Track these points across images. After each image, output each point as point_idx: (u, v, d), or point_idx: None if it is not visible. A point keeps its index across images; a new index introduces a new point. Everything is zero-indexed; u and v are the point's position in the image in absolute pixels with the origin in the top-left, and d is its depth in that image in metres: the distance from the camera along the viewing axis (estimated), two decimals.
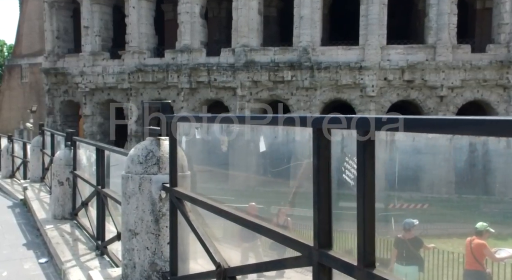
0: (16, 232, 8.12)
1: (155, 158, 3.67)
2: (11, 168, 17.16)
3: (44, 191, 10.85)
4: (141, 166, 3.64)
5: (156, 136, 3.76)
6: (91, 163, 7.26)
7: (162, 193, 3.55)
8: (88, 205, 6.61)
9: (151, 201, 3.57)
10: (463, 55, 29.52)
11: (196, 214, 3.07)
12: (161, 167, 3.65)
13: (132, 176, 3.66)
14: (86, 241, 6.35)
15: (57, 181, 7.71)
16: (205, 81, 32.49)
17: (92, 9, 35.33)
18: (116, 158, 7.79)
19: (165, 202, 3.55)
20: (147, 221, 3.56)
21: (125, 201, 3.69)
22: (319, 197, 2.05)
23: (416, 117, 1.70)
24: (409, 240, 10.97)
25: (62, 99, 38.20)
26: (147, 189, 3.58)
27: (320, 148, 2.03)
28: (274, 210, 18.49)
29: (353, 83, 30.35)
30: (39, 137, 13.02)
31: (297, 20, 31.03)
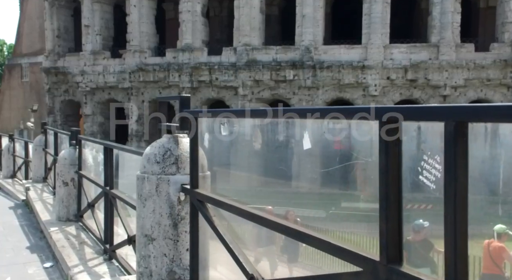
0: (19, 234, 7.87)
1: (173, 157, 3.41)
2: (12, 168, 16.93)
3: (47, 192, 10.63)
4: (158, 166, 3.39)
5: (174, 133, 3.51)
6: (97, 162, 7.04)
7: (181, 195, 3.30)
8: (95, 207, 6.38)
9: (169, 203, 3.31)
10: (466, 54, 29.33)
11: (221, 218, 2.84)
12: (180, 167, 3.39)
13: (148, 177, 3.40)
14: (93, 244, 6.10)
15: (61, 181, 7.48)
16: (206, 81, 32.28)
17: (93, 8, 35.12)
18: (123, 157, 7.56)
19: (184, 205, 3.30)
20: (164, 226, 3.30)
21: (141, 203, 3.43)
22: (387, 203, 1.77)
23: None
24: (418, 242, 10.69)
25: (62, 98, 37.99)
26: (164, 190, 3.32)
27: (388, 145, 1.75)
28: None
29: (356, 82, 30.16)
30: (41, 136, 12.77)
31: (299, 18, 30.83)
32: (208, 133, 3.27)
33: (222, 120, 2.93)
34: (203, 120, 3.05)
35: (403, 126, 1.71)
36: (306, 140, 3.27)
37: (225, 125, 3.23)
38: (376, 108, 1.74)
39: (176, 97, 3.44)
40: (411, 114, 1.73)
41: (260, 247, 10.28)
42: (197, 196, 3.02)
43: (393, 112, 1.70)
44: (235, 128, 8.35)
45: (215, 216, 2.83)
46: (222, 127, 3.24)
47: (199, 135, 3.03)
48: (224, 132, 3.24)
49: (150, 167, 3.41)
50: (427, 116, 1.70)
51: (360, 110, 1.85)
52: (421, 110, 1.73)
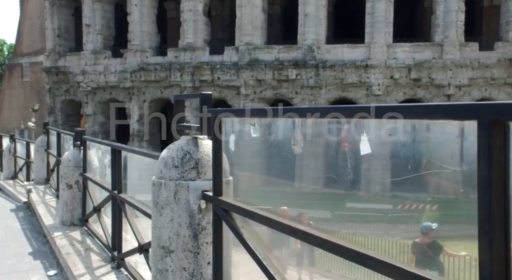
0: (21, 239, 7.59)
1: (193, 161, 3.11)
2: (13, 169, 16.66)
3: (50, 194, 10.37)
4: (177, 171, 3.09)
5: (193, 134, 3.20)
6: (103, 164, 6.77)
7: (201, 203, 3.03)
8: (101, 211, 6.12)
9: (188, 212, 3.03)
10: (470, 53, 29.10)
11: (249, 230, 2.58)
12: (200, 172, 3.10)
13: (165, 183, 3.09)
14: (99, 251, 5.81)
15: (65, 184, 7.21)
16: (208, 80, 32.07)
17: (93, 7, 34.89)
18: (130, 158, 7.29)
19: (205, 214, 3.03)
20: (184, 237, 3.02)
21: (157, 212, 3.13)
22: (489, 224, 1.39)
23: None
24: (427, 244, 10.45)
25: (63, 98, 37.77)
26: (184, 198, 3.04)
27: (491, 151, 1.38)
28: None
29: (359, 81, 29.94)
30: (43, 136, 12.47)
31: (302, 17, 30.62)
32: (234, 134, 2.94)
33: (253, 121, 2.63)
34: (227, 120, 2.76)
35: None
36: (364, 144, 2.89)
37: (255, 126, 2.88)
38: (483, 105, 1.39)
39: (196, 95, 3.13)
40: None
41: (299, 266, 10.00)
42: (221, 205, 2.77)
43: (497, 110, 1.35)
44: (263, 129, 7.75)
45: (244, 227, 2.57)
46: (252, 128, 2.89)
47: (222, 137, 2.76)
48: (254, 134, 2.88)
49: (168, 172, 3.12)
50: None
51: (455, 109, 1.49)
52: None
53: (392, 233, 19.84)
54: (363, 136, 2.43)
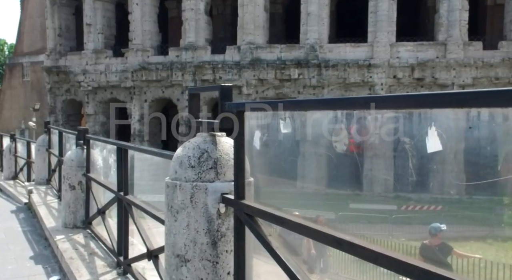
0: (22, 242, 7.33)
1: (211, 161, 2.84)
2: (14, 169, 16.40)
3: (51, 195, 10.13)
4: (193, 171, 2.82)
5: (211, 131, 2.94)
6: (108, 164, 6.54)
7: (221, 206, 2.77)
8: (105, 214, 5.88)
9: (206, 217, 2.77)
10: (474, 52, 28.88)
11: (277, 237, 2.33)
12: (219, 173, 2.82)
13: (181, 184, 2.82)
14: (104, 255, 5.55)
15: (68, 185, 6.96)
16: (210, 79, 31.86)
17: (94, 6, 34.69)
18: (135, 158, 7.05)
19: (225, 219, 2.79)
20: (201, 244, 2.76)
21: (171, 217, 2.86)
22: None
23: None
24: (436, 246, 10.21)
25: (64, 98, 37.57)
26: (201, 201, 2.77)
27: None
28: None
29: (362, 81, 29.74)
30: (44, 135, 12.20)
31: (304, 17, 30.42)
32: (260, 131, 2.65)
33: (282, 115, 2.34)
34: (251, 115, 2.50)
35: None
36: (433, 140, 2.55)
37: (286, 121, 2.55)
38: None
39: (215, 87, 2.86)
40: None
41: None
42: (244, 209, 2.51)
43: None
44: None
45: (271, 235, 2.32)
46: (283, 123, 2.57)
47: (246, 133, 2.50)
48: (284, 129, 2.56)
49: (183, 172, 2.85)
50: None
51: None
52: None
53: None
54: (431, 130, 2.17)
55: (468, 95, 1.39)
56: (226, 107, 2.71)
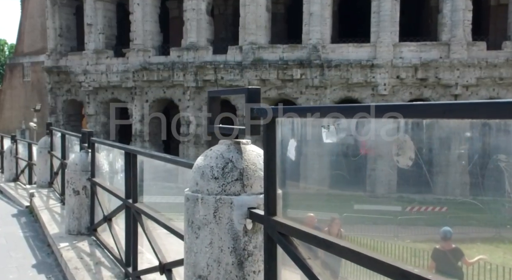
0: (24, 249, 7.08)
1: (237, 171, 2.58)
2: (15, 171, 16.16)
3: (53, 198, 9.92)
4: (217, 183, 2.57)
5: (234, 138, 2.69)
6: (115, 169, 6.31)
7: (247, 222, 2.52)
8: (112, 221, 5.65)
9: (232, 234, 2.51)
10: (478, 53, 28.69)
11: (316, 260, 2.08)
12: (246, 185, 2.57)
13: (203, 198, 2.58)
14: (111, 265, 5.30)
15: (71, 189, 6.74)
16: (211, 80, 31.67)
17: (95, 6, 34.49)
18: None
19: (252, 236, 2.54)
20: (226, 265, 2.50)
21: (192, 233, 2.62)
22: None
23: None
24: (449, 251, 9.98)
25: (65, 98, 37.39)
26: (226, 216, 2.53)
27: None
28: None
29: (365, 81, 29.54)
30: (46, 137, 11.97)
31: (307, 17, 30.22)
32: (295, 139, 2.37)
33: (326, 122, 2.06)
34: (284, 121, 2.29)
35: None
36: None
37: (330, 129, 2.23)
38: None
39: (241, 90, 2.62)
40: None
41: None
42: (277, 227, 2.25)
43: None
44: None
45: (310, 258, 2.04)
46: (325, 131, 2.25)
47: (277, 141, 2.26)
48: (328, 139, 2.22)
49: (205, 184, 2.60)
50: None
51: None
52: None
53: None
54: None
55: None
56: (254, 112, 2.46)
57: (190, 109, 32.19)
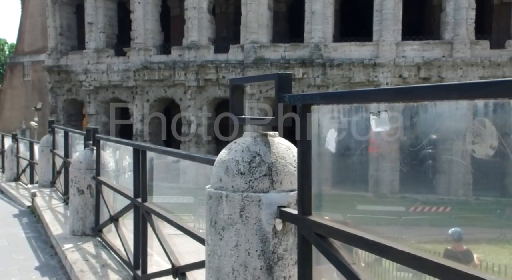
0: (26, 250, 6.86)
1: (265, 166, 2.34)
2: (16, 170, 15.95)
3: (56, 198, 9.72)
4: (243, 179, 2.33)
5: (261, 130, 2.46)
6: (122, 167, 6.11)
7: (277, 222, 2.30)
8: (119, 221, 5.46)
9: (260, 235, 2.28)
10: (481, 52, 28.51)
11: (360, 265, 1.87)
12: (275, 181, 2.33)
13: (227, 195, 2.35)
14: (118, 268, 5.08)
15: (76, 189, 6.54)
16: (213, 79, 31.52)
17: (96, 4, 34.30)
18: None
19: (282, 238, 2.31)
20: (253, 269, 2.27)
21: (216, 235, 2.39)
22: None
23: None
24: (461, 252, 9.78)
25: (65, 97, 37.21)
26: (253, 216, 2.29)
27: None
28: None
29: (367, 80, 29.36)
30: (48, 136, 11.74)
31: (309, 15, 30.05)
32: (335, 129, 2.11)
33: (375, 109, 1.82)
34: (320, 109, 2.06)
35: None
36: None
37: (381, 116, 1.91)
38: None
39: (270, 76, 2.36)
40: None
41: (320, 264, 9.21)
42: (314, 228, 2.03)
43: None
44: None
45: (355, 263, 1.83)
46: (375, 118, 1.94)
47: (312, 132, 2.05)
48: (379, 127, 1.90)
49: (230, 180, 2.36)
50: None
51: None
52: None
53: None
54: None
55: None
56: (286, 100, 2.23)
57: (191, 109, 32.03)
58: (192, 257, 4.83)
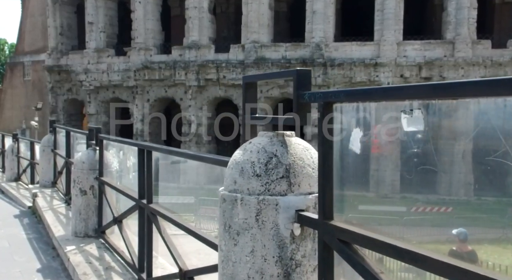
0: (28, 252, 6.75)
1: (282, 168, 2.23)
2: (17, 170, 15.86)
3: (57, 199, 9.62)
4: (259, 181, 2.23)
5: (276, 130, 2.34)
6: (125, 167, 6.02)
7: (295, 227, 2.19)
8: (123, 223, 5.36)
9: (277, 241, 2.17)
10: (483, 51, 28.43)
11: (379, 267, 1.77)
12: (293, 183, 2.22)
13: (243, 198, 2.24)
14: (122, 270, 4.98)
15: (78, 189, 6.44)
16: (213, 79, 31.45)
17: (96, 4, 34.22)
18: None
19: (300, 243, 2.20)
20: (270, 277, 2.17)
21: (230, 240, 2.28)
22: None
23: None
24: (466, 253, 9.68)
25: (65, 97, 37.14)
26: (270, 220, 2.18)
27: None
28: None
29: (368, 80, 29.29)
30: (50, 135, 11.64)
31: (310, 15, 29.98)
32: (360, 129, 1.99)
33: (407, 106, 1.70)
34: (342, 107, 1.95)
35: None
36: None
37: (414, 114, 1.72)
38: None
39: (288, 72, 2.24)
40: None
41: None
42: (337, 234, 1.92)
43: None
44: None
45: (383, 273, 1.71)
46: (407, 117, 1.76)
47: (334, 132, 1.93)
48: (411, 126, 1.72)
49: (246, 182, 2.25)
50: None
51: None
52: None
53: None
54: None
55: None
56: (305, 98, 2.11)
57: (192, 109, 31.96)
58: (194, 257, 4.74)
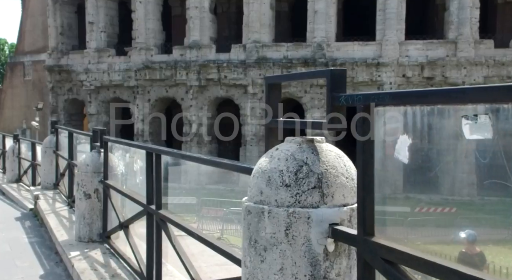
0: (30, 257, 6.56)
1: (314, 177, 2.04)
2: (18, 171, 15.69)
3: (60, 201, 9.46)
4: (289, 192, 2.03)
5: (305, 136, 2.16)
6: (132, 171, 5.86)
7: (329, 242, 2.01)
8: (129, 228, 5.20)
9: (309, 258, 1.99)
10: (485, 51, 28.30)
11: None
12: (326, 194, 2.03)
13: (270, 211, 2.05)
14: (128, 278, 4.80)
15: (82, 193, 6.29)
16: (215, 79, 31.31)
17: (97, 4, 34.08)
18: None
19: (335, 261, 2.02)
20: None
21: (256, 256, 2.09)
22: None
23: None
24: (475, 255, 9.57)
25: (66, 97, 36.97)
26: (301, 235, 2.00)
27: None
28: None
29: (370, 80, 29.15)
30: (51, 136, 11.48)
31: (311, 14, 29.84)
32: (408, 135, 1.78)
33: (467, 112, 1.49)
34: (385, 111, 1.80)
35: None
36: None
37: (479, 120, 1.47)
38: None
39: (321, 72, 2.08)
40: None
41: None
42: (381, 253, 1.74)
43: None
44: None
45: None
46: (469, 124, 1.51)
47: (375, 138, 1.79)
48: (474, 133, 1.46)
49: (273, 193, 2.06)
50: None
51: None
52: None
53: None
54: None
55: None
56: (341, 100, 1.94)
57: (193, 109, 31.82)
58: (199, 259, 4.58)
